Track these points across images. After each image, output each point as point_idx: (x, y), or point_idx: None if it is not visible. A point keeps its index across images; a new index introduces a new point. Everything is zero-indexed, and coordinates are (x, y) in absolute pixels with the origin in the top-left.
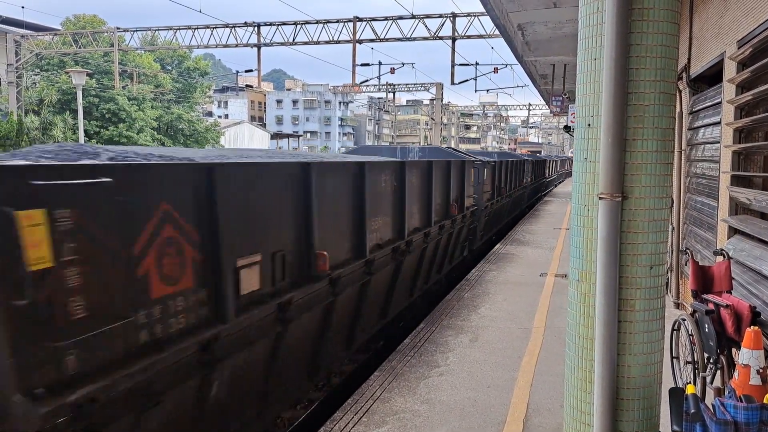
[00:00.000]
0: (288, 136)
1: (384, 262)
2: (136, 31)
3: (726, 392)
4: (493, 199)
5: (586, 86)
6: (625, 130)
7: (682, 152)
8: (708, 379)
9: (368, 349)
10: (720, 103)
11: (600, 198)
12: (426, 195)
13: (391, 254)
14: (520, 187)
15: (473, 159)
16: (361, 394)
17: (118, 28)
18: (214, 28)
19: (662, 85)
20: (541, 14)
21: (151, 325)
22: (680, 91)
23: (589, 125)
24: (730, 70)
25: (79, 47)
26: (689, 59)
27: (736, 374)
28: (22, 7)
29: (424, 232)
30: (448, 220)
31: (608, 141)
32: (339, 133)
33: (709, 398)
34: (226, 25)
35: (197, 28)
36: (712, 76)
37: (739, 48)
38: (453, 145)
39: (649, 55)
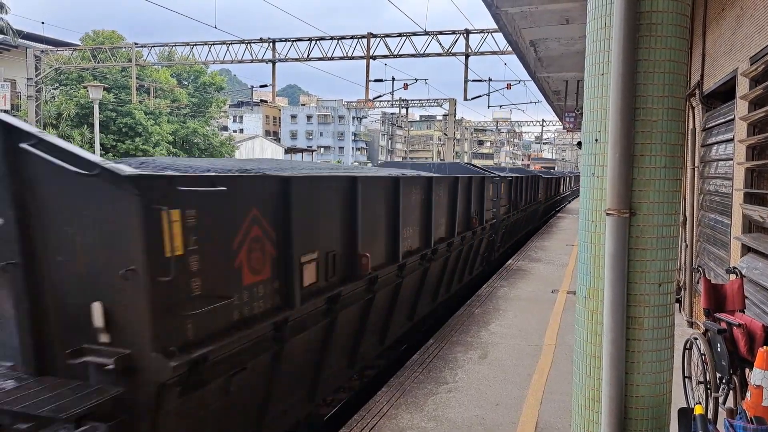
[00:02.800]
0: (302, 150)
1: (413, 267)
2: (154, 46)
3: (737, 414)
4: (510, 213)
5: (593, 101)
6: (633, 145)
7: (695, 169)
8: (720, 400)
9: (396, 348)
10: (733, 119)
11: (607, 214)
12: (451, 207)
13: (419, 260)
14: (534, 202)
15: (492, 174)
16: (367, 410)
17: (136, 44)
18: (230, 44)
19: (671, 101)
20: (554, 31)
21: (241, 307)
22: (693, 108)
23: (596, 140)
24: (742, 86)
25: (98, 62)
26: (702, 75)
27: (748, 395)
28: (42, 23)
29: (448, 242)
30: (469, 232)
31: (616, 156)
32: (352, 148)
33: (722, 419)
34: (242, 41)
35: (213, 44)
36: (725, 93)
37: (751, 64)
38: (466, 161)
39: (657, 71)
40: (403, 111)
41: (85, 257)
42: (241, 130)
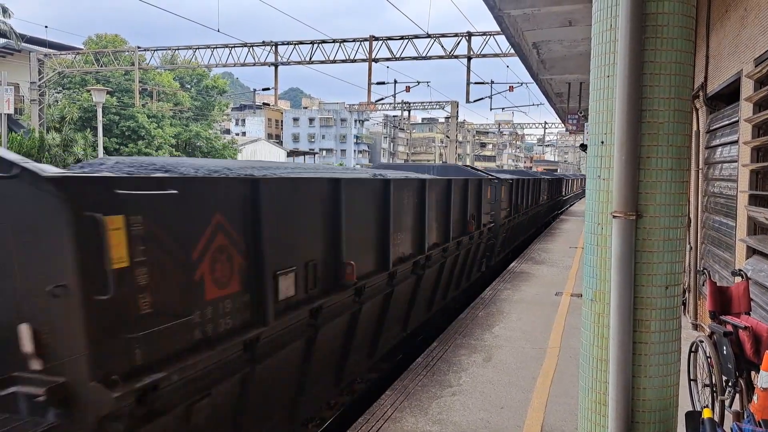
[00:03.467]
0: (304, 153)
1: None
2: (157, 50)
3: (745, 417)
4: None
5: (599, 103)
6: (639, 147)
7: (700, 171)
8: (727, 403)
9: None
10: (737, 121)
11: (614, 216)
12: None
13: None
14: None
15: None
16: (371, 413)
17: (138, 48)
18: (232, 47)
19: (677, 103)
20: (556, 33)
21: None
22: (697, 110)
23: (602, 143)
24: (747, 88)
25: (101, 66)
26: (706, 77)
27: (755, 398)
28: (45, 27)
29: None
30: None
31: (622, 159)
32: (355, 151)
33: (728, 422)
34: (244, 44)
35: (216, 47)
36: (730, 95)
37: (756, 66)
38: (468, 163)
39: (663, 73)
40: (405, 113)
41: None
42: (244, 133)
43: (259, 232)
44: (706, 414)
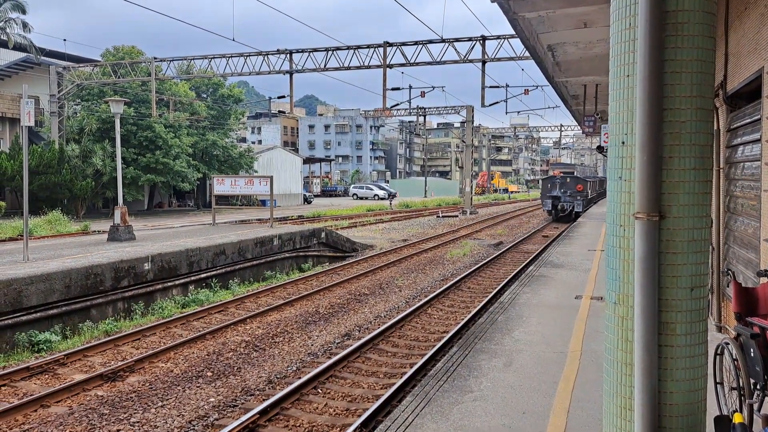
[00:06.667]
0: (320, 160)
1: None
2: (173, 60)
3: None
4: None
5: (618, 104)
6: (661, 147)
7: (721, 171)
8: (755, 407)
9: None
10: (759, 119)
11: (636, 218)
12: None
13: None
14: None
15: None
16: (392, 420)
17: (155, 58)
18: (247, 56)
19: (699, 101)
20: (572, 35)
21: None
22: (717, 108)
23: (623, 143)
24: None
25: (118, 77)
26: (725, 76)
27: None
28: (64, 40)
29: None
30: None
31: (644, 159)
32: (371, 157)
33: (757, 426)
34: (259, 53)
35: (231, 57)
36: (750, 93)
37: None
38: (484, 167)
39: (684, 71)
40: (421, 119)
41: None
42: (260, 141)
43: None
44: (737, 419)
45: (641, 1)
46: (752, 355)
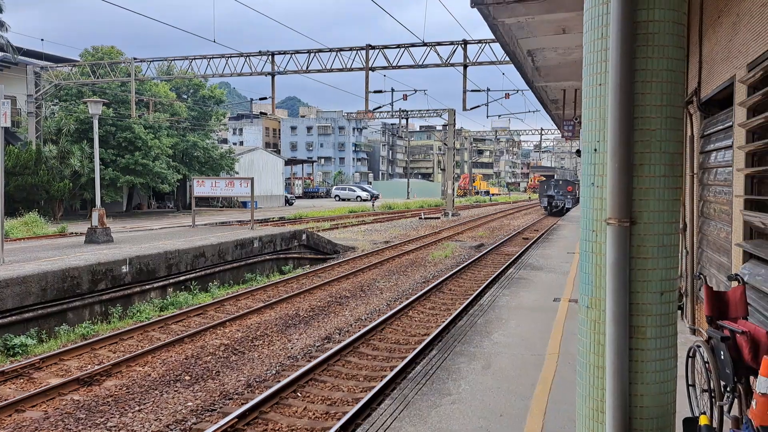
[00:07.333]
0: (302, 162)
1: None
2: (153, 61)
3: (743, 423)
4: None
5: (591, 111)
6: (632, 154)
7: (695, 176)
8: (725, 409)
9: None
10: (731, 126)
11: (608, 223)
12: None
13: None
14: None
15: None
16: (370, 423)
17: (135, 59)
18: (228, 57)
19: (669, 110)
20: (551, 40)
21: None
22: (691, 115)
23: (595, 150)
24: (740, 93)
25: (97, 78)
26: (699, 83)
27: (753, 403)
28: (42, 40)
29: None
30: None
31: (615, 166)
32: (353, 159)
33: (727, 428)
34: (241, 54)
35: (212, 58)
36: (723, 100)
37: (749, 71)
38: (466, 170)
39: (654, 80)
40: (403, 122)
41: None
42: (241, 143)
43: None
44: (703, 420)
45: (613, 12)
46: (722, 357)
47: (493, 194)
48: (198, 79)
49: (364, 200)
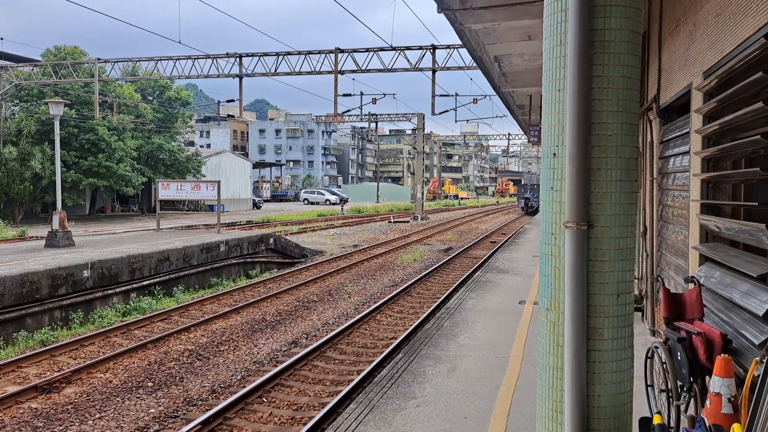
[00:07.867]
0: (270, 165)
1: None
2: (117, 62)
3: (696, 422)
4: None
5: (551, 116)
6: (589, 159)
7: (654, 180)
8: (682, 408)
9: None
10: (688, 132)
11: (566, 227)
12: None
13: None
14: None
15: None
16: (335, 428)
17: (99, 59)
18: (195, 58)
19: (625, 116)
20: (517, 47)
21: None
22: (651, 121)
23: (554, 155)
24: (697, 100)
25: (60, 78)
26: (659, 90)
27: (708, 403)
28: (1, 39)
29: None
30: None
31: (573, 170)
32: (323, 162)
33: (684, 426)
34: (208, 56)
35: (178, 59)
36: (681, 107)
37: (705, 79)
38: (435, 174)
39: (611, 87)
40: (373, 125)
41: None
42: (209, 145)
43: None
44: (656, 420)
45: (571, 19)
46: (679, 358)
47: (462, 198)
48: (164, 80)
49: (334, 204)
